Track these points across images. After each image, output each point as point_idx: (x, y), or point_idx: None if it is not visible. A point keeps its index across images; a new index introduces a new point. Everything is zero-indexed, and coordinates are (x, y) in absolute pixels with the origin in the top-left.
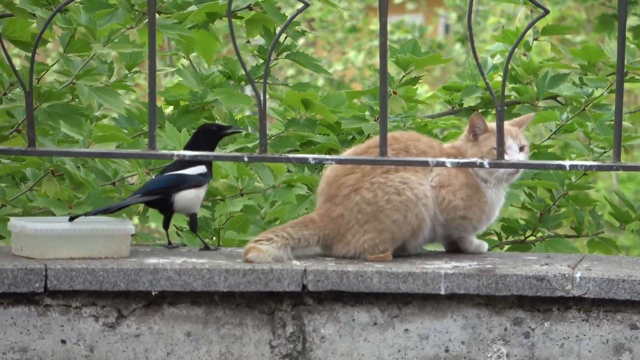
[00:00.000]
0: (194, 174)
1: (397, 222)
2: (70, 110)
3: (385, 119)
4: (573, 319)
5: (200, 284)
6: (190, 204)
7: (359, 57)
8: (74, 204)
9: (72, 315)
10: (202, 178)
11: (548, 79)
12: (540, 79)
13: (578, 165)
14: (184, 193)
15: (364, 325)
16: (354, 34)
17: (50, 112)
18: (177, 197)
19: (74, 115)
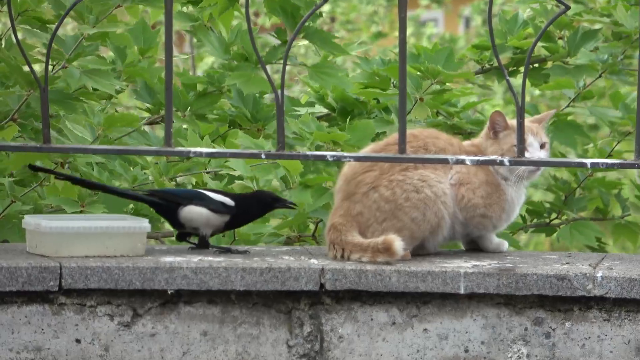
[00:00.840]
0: (216, 199)
1: (415, 220)
2: (64, 96)
3: (404, 115)
4: (594, 319)
5: (217, 283)
6: (197, 220)
7: None
8: (86, 202)
9: (86, 314)
10: (222, 207)
11: (579, 36)
12: (571, 36)
13: (599, 163)
14: (193, 208)
15: (382, 324)
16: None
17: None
18: (185, 210)
19: (67, 101)
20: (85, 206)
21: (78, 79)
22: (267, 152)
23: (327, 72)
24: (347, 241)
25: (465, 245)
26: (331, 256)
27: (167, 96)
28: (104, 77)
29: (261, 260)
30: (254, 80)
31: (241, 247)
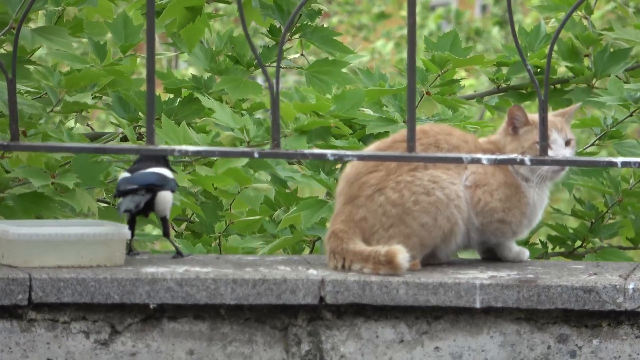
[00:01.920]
0: (172, 177)
1: (426, 226)
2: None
3: (414, 109)
4: (625, 336)
5: (205, 296)
6: (167, 207)
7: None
8: (57, 173)
9: (59, 331)
10: (175, 185)
11: (607, 56)
12: (598, 55)
13: (631, 162)
14: (165, 194)
15: (389, 342)
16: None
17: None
18: (159, 197)
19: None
20: (57, 177)
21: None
22: (260, 150)
23: (327, 70)
24: (348, 250)
25: (481, 254)
26: (331, 266)
27: (148, 88)
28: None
29: (254, 271)
30: (245, 85)
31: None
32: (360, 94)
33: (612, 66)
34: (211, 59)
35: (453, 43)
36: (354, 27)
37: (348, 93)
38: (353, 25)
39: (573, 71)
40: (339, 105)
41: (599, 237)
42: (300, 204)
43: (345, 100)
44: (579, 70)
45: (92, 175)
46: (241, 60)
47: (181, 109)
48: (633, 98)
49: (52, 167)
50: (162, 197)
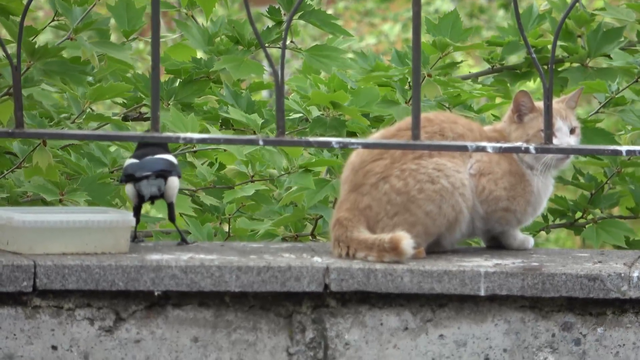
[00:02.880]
0: (177, 163)
1: (430, 214)
2: (68, 67)
3: (419, 97)
4: (630, 324)
5: (209, 283)
6: (175, 192)
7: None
8: (65, 191)
9: (64, 318)
10: (180, 170)
11: (600, 35)
12: (591, 35)
13: (636, 150)
14: (174, 179)
15: (393, 330)
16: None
17: (46, 69)
18: (169, 183)
19: (73, 72)
20: (65, 195)
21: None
22: (265, 137)
23: (328, 54)
24: (352, 238)
25: (486, 242)
26: (336, 254)
27: (153, 75)
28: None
29: (258, 258)
30: (246, 65)
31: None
32: (375, 92)
33: (606, 45)
34: (208, 41)
35: (454, 24)
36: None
37: (363, 90)
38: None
39: (567, 51)
40: (354, 101)
41: (600, 207)
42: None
43: (361, 96)
44: (573, 49)
45: (100, 196)
46: (241, 40)
47: (181, 90)
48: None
49: (62, 185)
50: (171, 182)
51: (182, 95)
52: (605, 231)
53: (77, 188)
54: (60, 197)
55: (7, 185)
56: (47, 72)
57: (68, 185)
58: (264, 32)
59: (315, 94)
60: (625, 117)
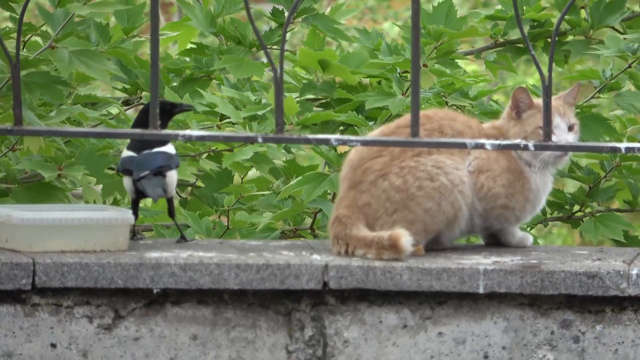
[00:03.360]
0: (174, 152)
1: (429, 212)
2: (50, 80)
3: (418, 94)
4: (629, 322)
5: (208, 281)
6: (174, 187)
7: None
8: (64, 165)
9: (63, 316)
10: (178, 160)
11: (603, 6)
12: (594, 6)
13: (635, 147)
14: (173, 174)
15: (392, 327)
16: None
17: (27, 81)
18: (167, 178)
19: (54, 85)
20: (63, 169)
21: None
22: (264, 135)
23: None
24: (351, 235)
25: (484, 239)
26: (335, 251)
27: (152, 73)
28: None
29: (257, 256)
30: (247, 65)
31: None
32: (364, 56)
33: (609, 17)
34: (211, 22)
35: (448, 13)
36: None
37: (351, 55)
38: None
39: (570, 23)
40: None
41: (597, 200)
42: (301, 177)
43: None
44: (576, 22)
45: (97, 168)
46: (243, 41)
47: (182, 89)
48: (631, 49)
49: (59, 160)
50: (170, 177)
51: (182, 94)
52: (604, 225)
53: (75, 162)
54: (58, 173)
55: (5, 164)
56: (28, 84)
57: (66, 160)
58: (266, 33)
59: (303, 52)
60: (619, 102)
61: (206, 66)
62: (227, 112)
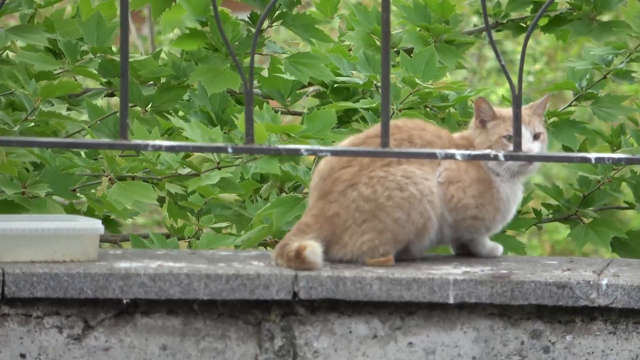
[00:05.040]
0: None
1: (399, 222)
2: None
3: (388, 106)
4: (599, 332)
5: (178, 291)
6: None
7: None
8: (28, 183)
9: (32, 326)
10: None
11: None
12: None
13: (605, 158)
14: None
15: (362, 338)
16: None
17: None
18: None
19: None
20: (28, 187)
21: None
22: (234, 145)
23: (307, 62)
24: (285, 244)
25: (455, 249)
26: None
27: (122, 83)
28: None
29: (227, 266)
30: (223, 77)
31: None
32: (332, 115)
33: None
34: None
35: (428, 62)
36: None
37: (319, 114)
38: None
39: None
40: (310, 126)
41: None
42: (273, 201)
43: (317, 120)
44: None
45: (62, 187)
46: (219, 49)
47: (159, 96)
48: (605, 61)
49: (24, 177)
50: None
51: (159, 102)
52: (595, 231)
53: (40, 180)
54: (22, 190)
55: None
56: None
57: (30, 178)
58: (243, 39)
59: (268, 126)
60: (596, 110)
61: (184, 74)
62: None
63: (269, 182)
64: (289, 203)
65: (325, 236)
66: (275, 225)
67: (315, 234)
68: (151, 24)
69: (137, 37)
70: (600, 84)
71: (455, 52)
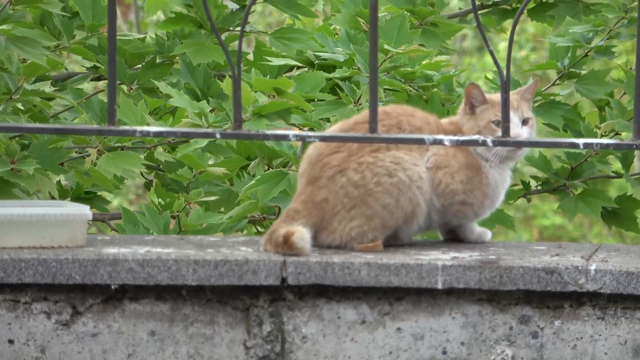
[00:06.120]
0: None
1: (388, 207)
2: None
3: (376, 91)
4: (587, 317)
5: (166, 277)
6: None
7: None
8: (17, 158)
9: (20, 312)
10: None
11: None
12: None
13: (593, 143)
14: None
15: (350, 323)
16: None
17: None
18: None
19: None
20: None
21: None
22: (222, 131)
23: (291, 37)
24: (274, 230)
25: (443, 235)
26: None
27: (110, 69)
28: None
29: (216, 252)
30: (207, 50)
31: None
32: (320, 77)
33: None
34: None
35: (400, 28)
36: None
37: (307, 75)
38: None
39: None
40: (299, 87)
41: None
42: (259, 177)
43: (305, 82)
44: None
45: (51, 161)
46: (204, 25)
47: (144, 73)
48: (585, 39)
49: (12, 153)
50: None
51: (144, 79)
52: (584, 202)
53: (28, 155)
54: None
55: None
56: None
57: (18, 153)
58: (228, 15)
59: (257, 81)
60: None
61: (168, 50)
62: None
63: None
64: (275, 179)
65: (314, 222)
66: (261, 201)
67: (304, 219)
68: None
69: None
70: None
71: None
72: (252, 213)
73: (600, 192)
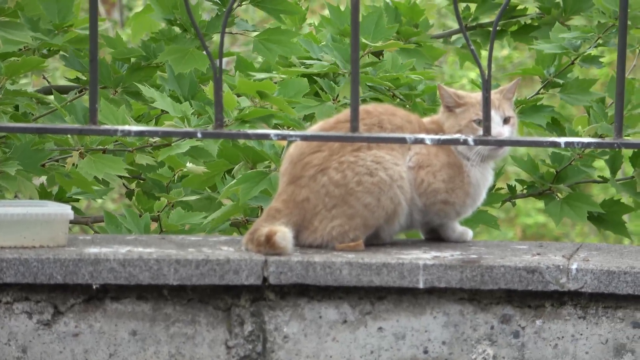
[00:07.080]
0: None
1: (369, 207)
2: None
3: (357, 90)
4: (568, 316)
5: (147, 277)
6: None
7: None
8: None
9: (2, 312)
10: None
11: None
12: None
13: (574, 142)
14: None
15: (332, 323)
16: None
17: None
18: None
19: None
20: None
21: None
22: (203, 130)
23: (277, 39)
24: (256, 229)
25: (425, 234)
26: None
27: (91, 68)
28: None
29: (197, 252)
30: (191, 56)
31: None
32: (304, 84)
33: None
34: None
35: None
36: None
37: (291, 82)
38: None
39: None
40: (282, 92)
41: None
42: (240, 176)
43: (289, 88)
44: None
45: (32, 163)
46: (188, 29)
47: (129, 76)
48: (573, 46)
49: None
50: None
51: (129, 82)
52: (570, 206)
53: (10, 157)
54: None
55: None
56: None
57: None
58: (212, 19)
59: (241, 83)
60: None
61: (153, 55)
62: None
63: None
64: (255, 178)
65: (295, 221)
66: (242, 200)
67: (286, 219)
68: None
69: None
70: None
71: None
72: (234, 215)
73: (586, 197)
